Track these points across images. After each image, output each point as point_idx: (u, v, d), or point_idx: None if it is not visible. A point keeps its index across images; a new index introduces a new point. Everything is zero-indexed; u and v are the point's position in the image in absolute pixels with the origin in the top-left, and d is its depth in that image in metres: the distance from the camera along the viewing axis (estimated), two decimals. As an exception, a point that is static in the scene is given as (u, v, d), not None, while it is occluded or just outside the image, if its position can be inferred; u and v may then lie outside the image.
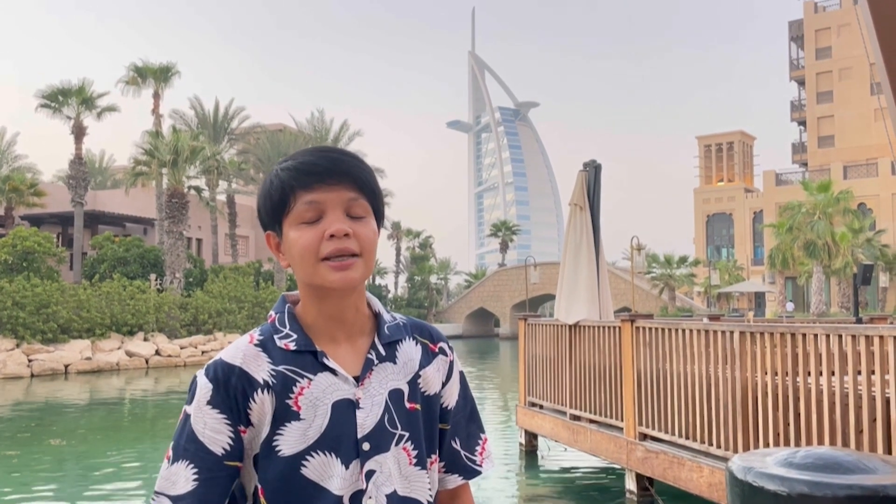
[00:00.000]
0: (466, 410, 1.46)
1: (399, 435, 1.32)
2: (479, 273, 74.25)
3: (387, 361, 1.35)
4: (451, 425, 1.43)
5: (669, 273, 49.20)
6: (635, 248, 28.20)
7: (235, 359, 1.28)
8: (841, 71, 60.09)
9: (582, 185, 10.00)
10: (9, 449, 12.57)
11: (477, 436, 1.47)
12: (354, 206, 1.29)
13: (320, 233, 1.26)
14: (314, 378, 1.28)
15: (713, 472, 6.55)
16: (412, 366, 1.38)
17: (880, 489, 1.23)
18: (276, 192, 1.29)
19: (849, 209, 43.32)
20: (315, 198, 1.26)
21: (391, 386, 1.33)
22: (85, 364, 27.49)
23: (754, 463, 1.35)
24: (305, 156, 1.30)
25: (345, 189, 1.28)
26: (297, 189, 1.27)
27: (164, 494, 1.25)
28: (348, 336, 1.34)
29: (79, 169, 38.81)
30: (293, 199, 1.27)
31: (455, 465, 1.44)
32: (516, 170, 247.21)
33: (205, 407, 1.26)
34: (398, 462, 1.31)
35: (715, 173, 66.88)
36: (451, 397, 1.43)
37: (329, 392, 1.28)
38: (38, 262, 31.02)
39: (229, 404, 1.26)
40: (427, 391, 1.38)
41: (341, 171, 1.28)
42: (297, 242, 1.27)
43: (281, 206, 1.29)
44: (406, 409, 1.34)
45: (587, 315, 9.31)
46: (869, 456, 1.36)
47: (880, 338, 5.04)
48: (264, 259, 47.95)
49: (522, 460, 10.90)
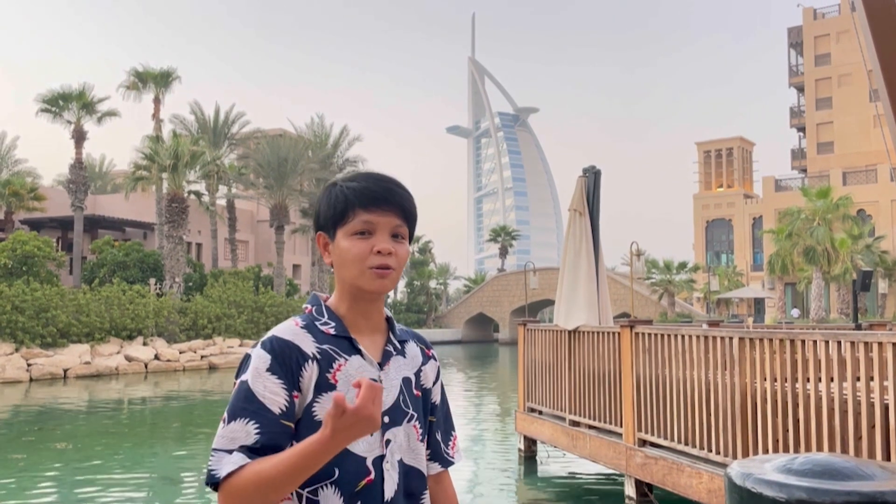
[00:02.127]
0: (444, 409, 1.75)
1: (410, 414, 1.60)
2: (479, 278, 74.19)
3: (399, 355, 1.64)
4: (436, 419, 1.71)
5: (669, 279, 49.19)
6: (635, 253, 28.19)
7: (288, 335, 1.52)
8: (840, 77, 60.13)
9: (581, 190, 10.01)
10: (14, 452, 12.59)
11: (450, 432, 1.77)
12: (398, 230, 1.58)
13: (370, 246, 1.54)
14: (349, 359, 1.55)
15: (712, 479, 6.54)
16: (416, 361, 1.68)
17: (878, 496, 1.23)
18: (339, 205, 1.57)
19: (848, 215, 43.31)
20: (370, 218, 1.55)
21: (403, 374, 1.63)
22: (84, 368, 27.45)
23: (753, 469, 1.36)
24: (368, 181, 1.58)
25: (394, 216, 1.57)
26: (357, 207, 1.55)
27: (223, 450, 1.41)
28: (371, 331, 1.62)
29: (79, 173, 38.82)
30: (353, 214, 1.55)
31: (437, 455, 1.71)
32: (516, 175, 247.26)
33: (265, 373, 1.46)
34: (408, 436, 1.59)
35: (714, 179, 66.88)
36: (437, 395, 1.73)
37: (359, 371, 1.54)
38: (37, 266, 31.00)
39: (286, 371, 1.48)
40: (425, 384, 1.68)
41: (394, 202, 1.57)
42: (350, 250, 1.55)
43: (340, 217, 1.57)
44: (414, 394, 1.63)
45: (586, 321, 9.30)
46: (867, 462, 1.36)
47: (879, 344, 5.04)
48: (264, 264, 47.93)
49: (521, 466, 10.88)
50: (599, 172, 10.20)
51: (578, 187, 10.06)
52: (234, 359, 31.55)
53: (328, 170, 47.37)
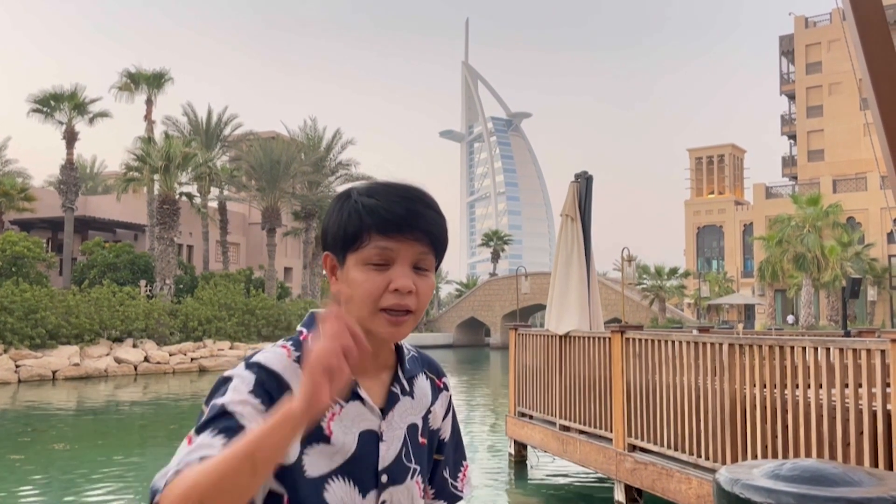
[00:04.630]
0: (455, 439, 1.52)
1: (413, 468, 1.36)
2: (471, 282, 74.21)
3: (407, 395, 1.39)
4: (444, 456, 1.49)
5: (660, 284, 49.31)
6: (626, 259, 28.28)
7: (276, 366, 1.24)
8: (831, 86, 60.50)
9: (573, 195, 10.04)
10: (11, 453, 12.58)
11: (460, 463, 1.53)
12: (422, 261, 1.29)
13: (385, 282, 1.25)
14: (346, 405, 1.29)
15: (702, 484, 6.56)
16: (426, 401, 1.43)
17: (865, 502, 1.24)
18: (351, 227, 1.27)
19: (838, 223, 43.57)
20: (389, 245, 1.26)
21: (409, 420, 1.38)
22: (73, 370, 27.29)
23: (741, 475, 1.37)
24: (389, 197, 1.28)
25: (418, 244, 1.27)
26: (372, 231, 1.26)
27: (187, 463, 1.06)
28: (377, 369, 1.36)
29: (70, 174, 38.65)
30: (367, 238, 1.26)
31: (443, 493, 1.49)
32: (508, 180, 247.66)
33: (247, 395, 1.18)
34: (411, 494, 1.35)
35: (706, 185, 67.17)
36: (447, 431, 1.49)
37: (357, 421, 1.29)
38: (27, 267, 30.84)
39: (271, 401, 1.19)
40: (433, 426, 1.45)
41: (419, 227, 1.27)
42: (361, 285, 1.26)
43: (352, 241, 1.27)
44: (419, 442, 1.39)
45: (577, 325, 9.32)
46: (854, 469, 1.37)
47: (867, 351, 5.07)
48: (255, 266, 47.81)
49: (512, 470, 10.88)
50: (591, 178, 10.25)
51: (570, 192, 10.09)
52: (225, 361, 31.42)
53: (321, 173, 47.37)
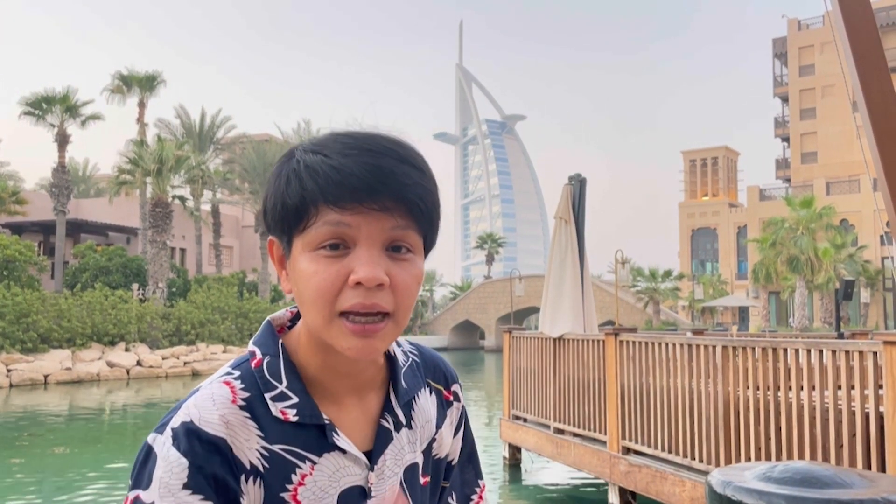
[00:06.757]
0: (465, 454, 1.19)
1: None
2: (465, 285, 74.24)
3: (403, 428, 1.03)
4: (451, 480, 1.16)
5: (654, 287, 49.41)
6: (620, 261, 28.30)
7: (215, 424, 0.88)
8: (824, 88, 60.79)
9: (567, 198, 10.06)
10: (11, 457, 12.58)
11: (474, 483, 1.19)
12: (399, 239, 0.89)
13: (343, 274, 0.87)
14: (319, 461, 0.93)
15: (695, 487, 6.56)
16: (429, 429, 1.08)
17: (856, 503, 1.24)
18: (291, 198, 0.88)
19: (831, 225, 43.76)
20: (343, 219, 0.87)
21: (407, 461, 1.03)
22: (65, 374, 27.18)
23: (733, 477, 1.36)
24: (343, 151, 0.88)
25: (389, 216, 0.88)
26: (320, 203, 0.87)
27: None
28: (359, 393, 0.99)
29: (62, 177, 38.51)
30: (315, 213, 0.88)
31: None
32: (503, 182, 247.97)
33: (180, 493, 0.85)
34: None
35: (700, 188, 67.39)
36: (457, 451, 1.16)
37: (336, 479, 0.94)
38: (18, 270, 30.70)
39: (215, 489, 0.87)
40: (438, 455, 1.10)
41: (389, 191, 0.87)
42: (309, 280, 0.88)
43: (295, 218, 0.89)
44: (420, 485, 1.05)
45: (571, 328, 9.33)
46: (846, 471, 1.37)
47: (860, 353, 5.08)
48: (248, 269, 47.71)
49: (506, 473, 10.86)
50: (585, 180, 10.27)
51: (564, 195, 10.10)
52: (218, 365, 31.35)
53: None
